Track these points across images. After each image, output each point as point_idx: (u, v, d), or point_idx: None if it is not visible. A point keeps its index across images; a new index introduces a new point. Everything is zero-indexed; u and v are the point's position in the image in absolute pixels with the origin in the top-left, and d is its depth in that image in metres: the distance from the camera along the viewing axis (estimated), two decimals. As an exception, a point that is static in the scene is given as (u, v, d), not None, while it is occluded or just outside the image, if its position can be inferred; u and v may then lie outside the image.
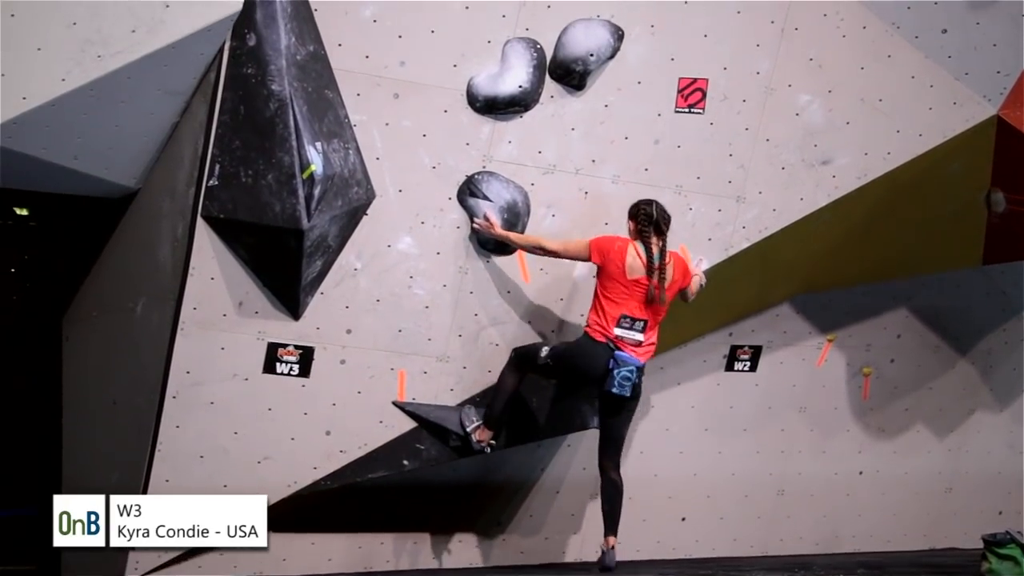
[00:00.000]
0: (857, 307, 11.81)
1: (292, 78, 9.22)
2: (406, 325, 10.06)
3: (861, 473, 12.47)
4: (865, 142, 10.50)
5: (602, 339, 9.58)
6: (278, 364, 9.85)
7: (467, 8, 9.62)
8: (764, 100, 10.28)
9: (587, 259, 9.67)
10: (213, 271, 9.52)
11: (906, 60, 10.37)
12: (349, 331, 9.94)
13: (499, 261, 10.14)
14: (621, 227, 10.17)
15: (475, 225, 9.86)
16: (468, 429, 10.10)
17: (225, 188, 9.35)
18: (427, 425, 10.19)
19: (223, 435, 9.84)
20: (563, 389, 10.44)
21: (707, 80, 10.17)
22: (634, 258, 9.55)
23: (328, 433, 10.04)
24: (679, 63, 10.11)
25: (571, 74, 9.91)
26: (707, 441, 11.85)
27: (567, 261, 10.13)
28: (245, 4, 8.98)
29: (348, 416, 10.05)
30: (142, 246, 9.96)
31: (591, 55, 9.87)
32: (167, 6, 8.68)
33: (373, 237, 9.81)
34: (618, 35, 9.93)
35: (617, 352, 9.57)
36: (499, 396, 10.01)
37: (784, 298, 11.50)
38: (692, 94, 10.18)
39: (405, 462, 10.23)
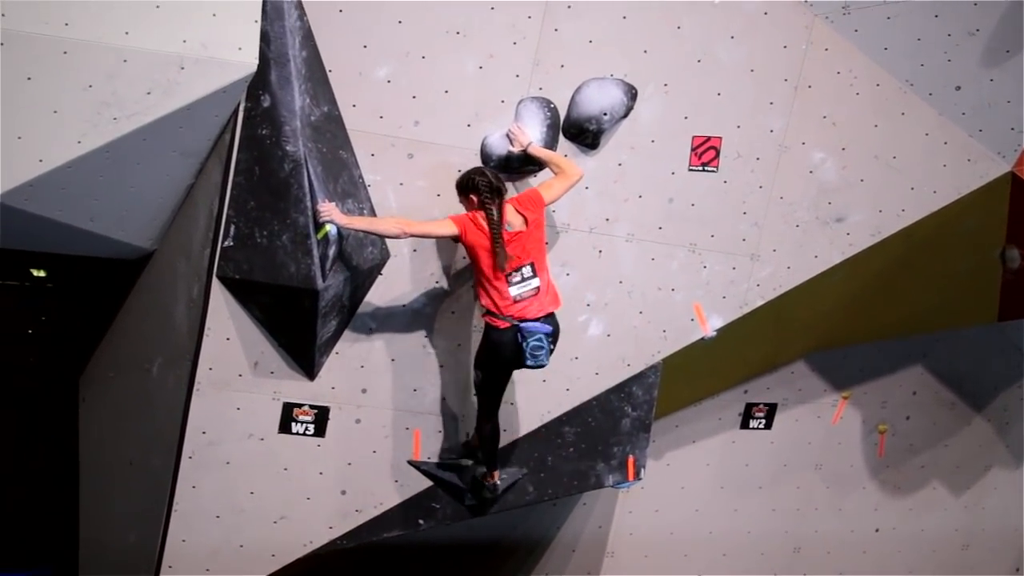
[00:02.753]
0: (872, 364, 11.81)
1: (307, 139, 9.25)
2: (421, 384, 10.06)
3: (877, 530, 12.44)
4: (879, 199, 10.50)
5: (504, 324, 9.40)
6: (294, 424, 9.85)
7: (480, 68, 9.66)
8: (778, 158, 10.29)
9: (455, 233, 9.30)
10: (228, 331, 9.54)
11: (920, 117, 10.38)
12: (364, 391, 9.94)
13: (514, 320, 10.14)
14: (636, 285, 10.24)
15: (319, 209, 9.31)
16: (478, 475, 10.09)
17: (240, 249, 9.37)
18: (442, 484, 10.17)
19: (239, 495, 9.84)
20: (578, 448, 10.42)
21: (721, 138, 10.19)
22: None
23: (344, 492, 10.03)
24: (693, 122, 10.12)
25: (585, 133, 9.93)
26: (723, 499, 11.84)
27: (581, 320, 10.17)
28: (260, 66, 9.01)
29: (363, 475, 10.04)
30: (158, 307, 9.99)
31: (605, 114, 9.91)
32: (182, 68, 8.72)
33: (388, 297, 9.83)
34: (631, 94, 9.96)
35: (522, 325, 9.38)
36: (486, 440, 9.94)
37: (799, 355, 11.51)
38: (706, 152, 10.20)
39: (420, 521, 10.20)
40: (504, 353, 9.47)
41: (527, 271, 9.37)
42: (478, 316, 10.04)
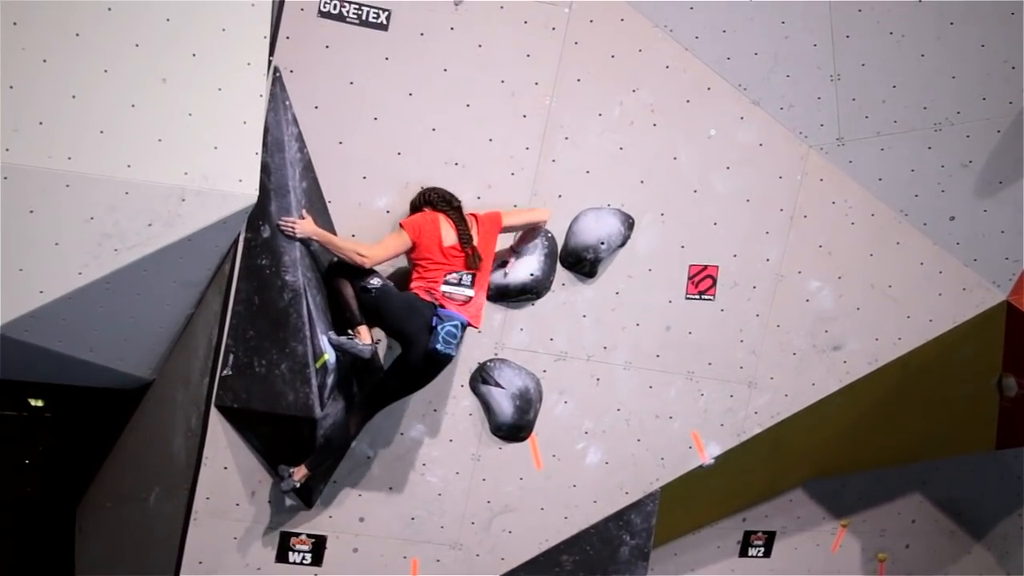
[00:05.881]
0: (871, 492, 11.77)
1: (306, 269, 9.30)
2: (419, 513, 10.04)
3: (878, 660, 12.35)
4: (876, 327, 10.54)
5: (427, 298, 9.25)
6: (291, 553, 9.82)
7: (479, 198, 9.72)
8: (774, 286, 10.35)
9: (409, 244, 9.29)
10: (226, 460, 9.53)
11: (915, 247, 10.45)
12: (362, 519, 9.92)
13: (511, 448, 10.14)
14: (634, 412, 10.26)
15: (280, 223, 9.29)
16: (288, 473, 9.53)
17: (239, 378, 9.39)
18: (440, 613, 10.15)
19: (236, 626, 9.80)
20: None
21: (717, 267, 10.25)
22: (446, 227, 9.33)
23: (341, 622, 9.99)
24: (689, 250, 10.19)
25: (582, 262, 9.99)
26: (723, 628, 11.76)
27: (579, 448, 10.18)
28: (260, 197, 9.06)
29: (361, 605, 10.01)
30: (156, 436, 9.99)
31: (602, 243, 9.97)
32: (183, 200, 8.77)
33: (386, 425, 9.83)
34: (628, 223, 10.03)
35: (440, 309, 9.21)
36: (335, 443, 9.54)
37: (797, 483, 11.48)
38: (702, 281, 10.25)
39: (419, 651, 10.17)
40: (415, 319, 9.18)
41: (466, 279, 9.34)
42: (476, 443, 10.05)
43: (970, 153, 10.27)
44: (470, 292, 9.34)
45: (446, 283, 9.26)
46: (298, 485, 9.48)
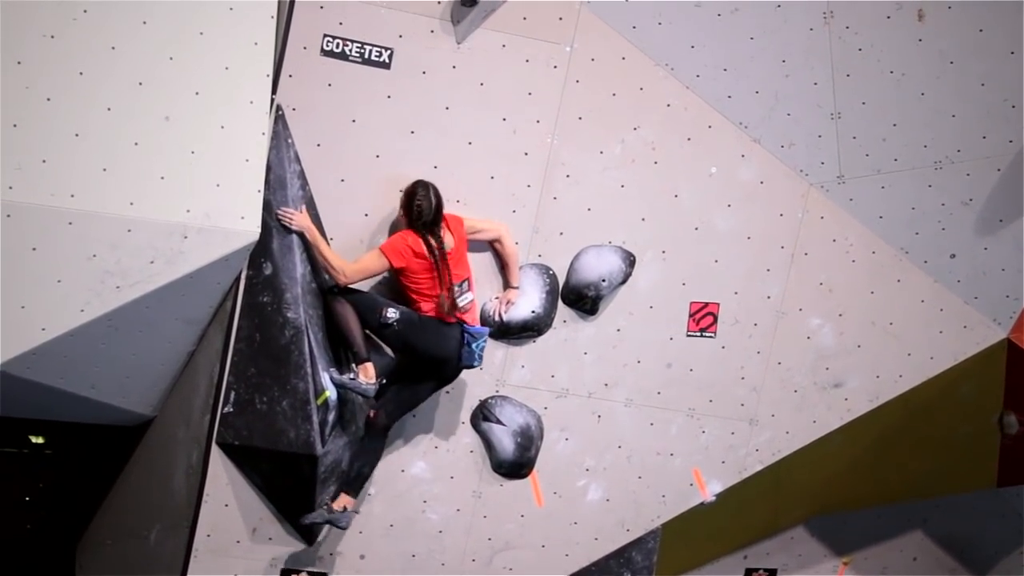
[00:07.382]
0: (872, 529, 11.75)
1: (307, 306, 9.31)
2: (420, 550, 10.03)
3: None
4: (876, 365, 10.55)
5: (451, 319, 9.31)
6: (291, 591, 9.83)
7: (481, 235, 9.77)
8: (775, 324, 10.36)
9: (386, 268, 9.31)
10: (227, 498, 9.52)
11: (916, 284, 10.47)
12: (363, 556, 9.91)
13: (512, 485, 10.13)
14: (635, 450, 10.26)
15: (278, 213, 9.25)
16: (329, 503, 9.54)
17: (240, 415, 9.39)
18: (442, 651, 10.14)
19: (237, 663, 9.78)
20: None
21: (718, 304, 10.26)
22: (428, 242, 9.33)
23: (341, 660, 9.98)
24: (690, 288, 10.21)
25: (583, 299, 10.00)
26: (724, 666, 11.73)
27: (580, 485, 10.18)
28: (262, 234, 9.08)
29: (362, 642, 9.99)
30: (157, 473, 9.98)
31: (603, 280, 9.98)
32: (185, 238, 8.78)
33: (387, 462, 9.81)
34: (630, 261, 10.04)
35: (467, 327, 9.34)
36: (370, 458, 9.61)
37: (798, 520, 11.46)
38: (703, 318, 10.27)
39: None
40: (448, 343, 9.32)
41: (464, 286, 9.40)
42: (477, 481, 10.05)
43: (970, 191, 10.30)
44: (470, 296, 9.44)
45: (458, 297, 9.34)
46: (358, 512, 9.61)
